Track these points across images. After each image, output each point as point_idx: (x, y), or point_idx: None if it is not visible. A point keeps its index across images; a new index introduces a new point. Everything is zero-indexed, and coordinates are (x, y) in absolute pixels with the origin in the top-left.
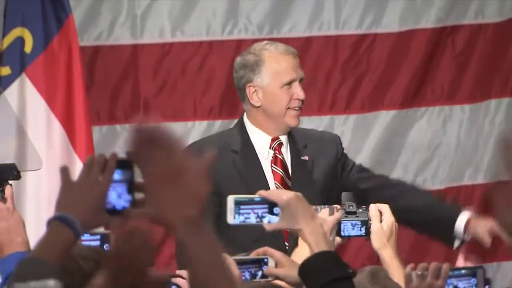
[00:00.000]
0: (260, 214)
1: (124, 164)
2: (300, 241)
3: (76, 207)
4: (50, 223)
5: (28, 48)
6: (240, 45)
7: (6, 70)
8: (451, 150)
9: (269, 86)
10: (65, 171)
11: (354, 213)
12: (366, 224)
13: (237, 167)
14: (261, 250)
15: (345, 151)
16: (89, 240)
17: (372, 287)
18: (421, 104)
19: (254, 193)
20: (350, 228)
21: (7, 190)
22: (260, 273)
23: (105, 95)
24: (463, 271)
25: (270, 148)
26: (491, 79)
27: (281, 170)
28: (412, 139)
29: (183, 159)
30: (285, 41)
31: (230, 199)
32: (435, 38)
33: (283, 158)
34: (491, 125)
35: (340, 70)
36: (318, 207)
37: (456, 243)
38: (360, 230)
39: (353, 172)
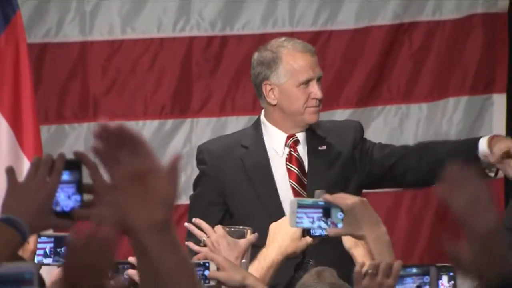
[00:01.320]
0: (315, 219)
1: (72, 165)
2: (268, 241)
3: (22, 209)
4: None
5: None
6: (192, 42)
7: None
8: None
9: (286, 85)
10: (10, 172)
11: None
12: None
13: (245, 162)
14: (201, 254)
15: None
16: (43, 243)
17: (317, 285)
18: (377, 102)
19: (258, 189)
20: (319, 228)
21: None
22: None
23: (53, 93)
24: (414, 270)
25: (285, 145)
26: (448, 77)
27: (296, 168)
28: (368, 139)
29: (150, 161)
30: (238, 38)
31: (293, 202)
32: (391, 35)
33: (299, 155)
34: (449, 124)
35: None
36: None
37: (491, 172)
38: None
39: (374, 154)
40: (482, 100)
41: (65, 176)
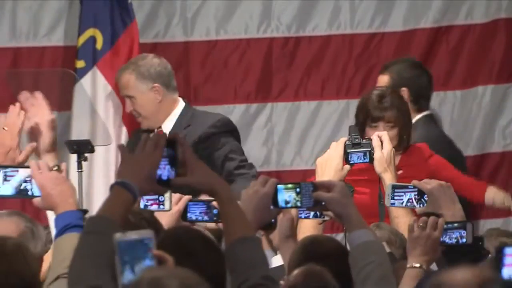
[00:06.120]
0: (411, 197)
1: (168, 143)
2: (317, 177)
3: (134, 175)
4: (112, 187)
5: (99, 45)
6: (272, 43)
7: (81, 63)
8: (445, 127)
9: None
10: (122, 147)
11: (359, 144)
12: (369, 153)
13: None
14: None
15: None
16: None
17: (375, 230)
18: None
19: None
20: (356, 157)
21: (63, 165)
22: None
23: None
24: (456, 224)
25: None
26: (479, 69)
27: None
28: None
29: None
30: (309, 39)
31: (389, 186)
32: (432, 36)
33: None
34: (478, 107)
35: (354, 63)
36: None
37: None
38: (365, 158)
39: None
40: (505, 88)
41: (164, 151)
